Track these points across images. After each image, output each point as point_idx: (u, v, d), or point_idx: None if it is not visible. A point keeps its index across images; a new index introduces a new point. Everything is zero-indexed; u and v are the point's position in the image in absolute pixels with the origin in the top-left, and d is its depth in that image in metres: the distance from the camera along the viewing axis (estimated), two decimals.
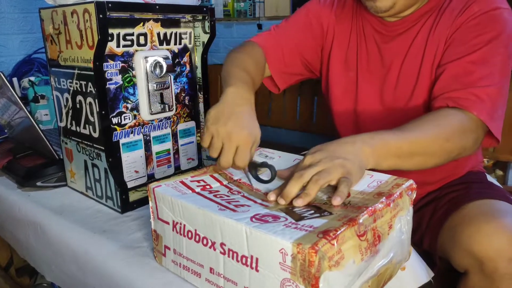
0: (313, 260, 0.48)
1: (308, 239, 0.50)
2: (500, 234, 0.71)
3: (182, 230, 0.64)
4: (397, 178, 0.66)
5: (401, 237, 0.64)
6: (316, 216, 0.57)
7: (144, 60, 0.93)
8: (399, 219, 0.62)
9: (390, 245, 0.61)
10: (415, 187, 0.65)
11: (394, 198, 0.61)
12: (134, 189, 0.97)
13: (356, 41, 1.00)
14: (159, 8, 0.93)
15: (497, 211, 0.78)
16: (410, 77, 0.92)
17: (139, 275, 0.70)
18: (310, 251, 0.48)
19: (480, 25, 0.82)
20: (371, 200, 0.60)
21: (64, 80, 0.96)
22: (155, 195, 0.68)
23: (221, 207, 0.61)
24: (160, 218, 0.68)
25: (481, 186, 0.94)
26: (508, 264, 0.71)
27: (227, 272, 0.59)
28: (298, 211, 0.59)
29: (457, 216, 0.83)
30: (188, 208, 0.62)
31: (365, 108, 1.00)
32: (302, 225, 0.54)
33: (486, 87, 0.78)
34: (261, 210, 0.60)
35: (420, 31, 0.90)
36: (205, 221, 0.60)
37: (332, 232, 0.51)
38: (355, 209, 0.58)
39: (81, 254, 0.81)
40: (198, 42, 1.06)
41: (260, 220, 0.56)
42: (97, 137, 0.91)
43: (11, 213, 1.03)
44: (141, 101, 0.95)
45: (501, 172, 1.75)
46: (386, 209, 0.59)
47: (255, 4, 2.49)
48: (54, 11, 0.92)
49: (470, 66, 0.81)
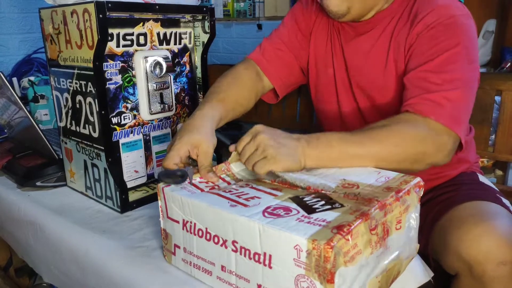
0: (329, 256, 0.48)
1: (323, 235, 0.50)
2: (488, 237, 0.71)
3: (192, 229, 0.64)
4: (405, 175, 0.67)
5: (409, 234, 0.64)
6: (328, 208, 0.57)
7: (144, 60, 0.92)
8: (409, 215, 0.63)
9: (398, 241, 0.62)
10: (422, 184, 0.66)
11: (403, 194, 0.61)
12: (134, 189, 0.97)
13: (330, 38, 1.01)
14: (159, 8, 0.93)
15: (486, 213, 0.78)
16: (374, 74, 0.92)
17: (139, 275, 0.70)
18: (325, 247, 0.48)
19: (436, 35, 0.82)
20: (381, 194, 0.60)
21: (63, 80, 0.96)
22: (165, 195, 0.68)
23: (232, 203, 0.61)
24: (169, 217, 0.68)
25: (472, 187, 0.93)
26: (497, 267, 0.71)
27: (240, 269, 0.59)
28: (309, 202, 0.60)
29: (447, 218, 0.83)
30: (199, 206, 0.62)
31: (344, 104, 1.00)
32: (315, 219, 0.54)
33: (443, 91, 0.77)
34: (271, 202, 0.61)
35: (382, 34, 0.91)
36: (216, 219, 0.60)
37: (346, 228, 0.51)
38: (365, 201, 0.58)
39: (81, 254, 0.81)
40: (198, 42, 1.06)
41: (272, 214, 0.56)
42: (96, 137, 0.91)
43: (11, 213, 1.03)
44: (141, 101, 0.95)
45: (500, 172, 1.75)
46: (395, 204, 0.59)
47: (255, 4, 2.49)
48: (54, 11, 0.92)
49: (426, 74, 0.80)
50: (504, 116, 1.34)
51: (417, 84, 0.80)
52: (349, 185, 0.65)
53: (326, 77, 1.02)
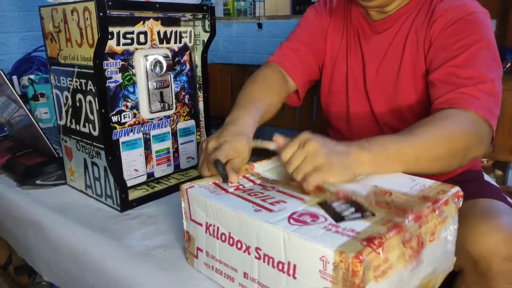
0: (358, 270, 0.45)
1: (351, 247, 0.47)
2: (494, 233, 0.72)
3: (215, 232, 0.62)
4: (442, 184, 0.63)
5: (446, 247, 0.61)
6: (358, 217, 0.54)
7: (144, 59, 0.92)
8: (445, 228, 0.59)
9: (434, 254, 0.58)
10: (461, 194, 0.62)
11: (440, 205, 0.57)
12: (134, 188, 0.97)
13: (346, 36, 1.03)
14: (159, 7, 0.93)
15: (492, 210, 0.78)
16: (389, 75, 0.94)
17: (138, 273, 0.70)
18: (354, 260, 0.45)
19: (458, 30, 0.83)
20: (416, 203, 0.56)
21: (64, 78, 0.96)
22: (188, 196, 0.66)
23: (256, 208, 0.58)
24: (193, 219, 0.67)
25: (477, 185, 0.94)
26: (502, 263, 0.71)
27: (262, 277, 0.57)
28: (337, 208, 0.57)
29: None
30: (222, 210, 0.60)
31: (353, 103, 1.02)
32: (343, 229, 0.51)
33: (475, 85, 0.78)
34: (298, 207, 0.58)
35: (398, 33, 0.93)
36: (240, 224, 0.58)
37: (377, 240, 0.48)
38: (399, 211, 0.54)
39: (80, 252, 0.81)
40: (198, 40, 1.05)
41: (298, 221, 0.54)
42: (96, 135, 0.91)
43: (10, 211, 1.03)
44: (141, 100, 0.95)
45: (500, 172, 1.75)
46: (431, 215, 0.56)
47: (255, 3, 2.49)
48: (54, 9, 0.92)
49: (455, 69, 0.81)
50: (504, 116, 1.34)
51: (448, 80, 0.81)
52: (381, 192, 0.61)
53: (339, 75, 1.04)
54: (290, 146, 0.66)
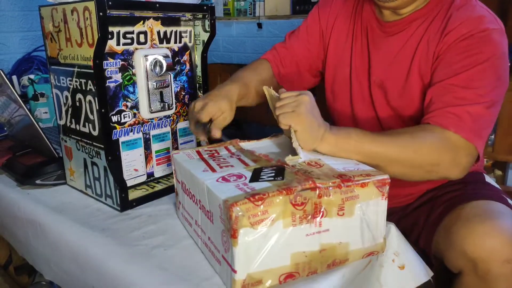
0: (231, 215, 0.56)
1: (236, 198, 0.57)
2: (494, 235, 0.72)
3: (184, 188, 0.77)
4: (374, 170, 0.68)
5: (361, 224, 0.65)
6: (270, 179, 0.64)
7: (144, 59, 0.92)
8: (360, 206, 0.64)
9: (344, 228, 0.64)
10: (388, 182, 0.66)
11: (352, 184, 0.63)
12: (134, 188, 0.98)
13: (352, 37, 1.01)
14: (159, 6, 0.93)
15: (492, 212, 0.78)
16: (396, 82, 0.92)
17: (138, 273, 0.70)
18: (231, 207, 0.56)
19: (468, 47, 0.80)
20: (327, 177, 0.63)
21: (63, 78, 0.96)
22: (174, 160, 0.81)
23: (205, 168, 0.71)
24: (177, 179, 0.82)
25: (478, 186, 0.93)
26: (502, 265, 0.71)
27: (202, 223, 0.71)
28: (263, 172, 0.67)
29: (452, 216, 0.83)
30: (186, 171, 0.74)
31: (357, 104, 1.01)
32: (248, 187, 0.61)
33: (466, 105, 0.77)
34: (237, 170, 0.69)
35: (411, 37, 0.90)
36: (192, 181, 0.71)
37: (259, 195, 0.57)
38: (302, 179, 0.62)
39: (80, 252, 0.81)
40: (198, 40, 1.06)
41: (225, 179, 0.65)
42: (96, 135, 0.91)
43: (10, 211, 1.03)
44: (141, 100, 0.95)
45: (500, 172, 1.75)
46: (335, 190, 0.62)
47: (255, 3, 2.49)
48: (54, 9, 0.92)
49: (452, 88, 0.80)
50: (503, 116, 1.34)
51: (442, 97, 0.80)
52: (314, 164, 0.69)
53: (342, 76, 1.03)
54: (289, 92, 0.74)
